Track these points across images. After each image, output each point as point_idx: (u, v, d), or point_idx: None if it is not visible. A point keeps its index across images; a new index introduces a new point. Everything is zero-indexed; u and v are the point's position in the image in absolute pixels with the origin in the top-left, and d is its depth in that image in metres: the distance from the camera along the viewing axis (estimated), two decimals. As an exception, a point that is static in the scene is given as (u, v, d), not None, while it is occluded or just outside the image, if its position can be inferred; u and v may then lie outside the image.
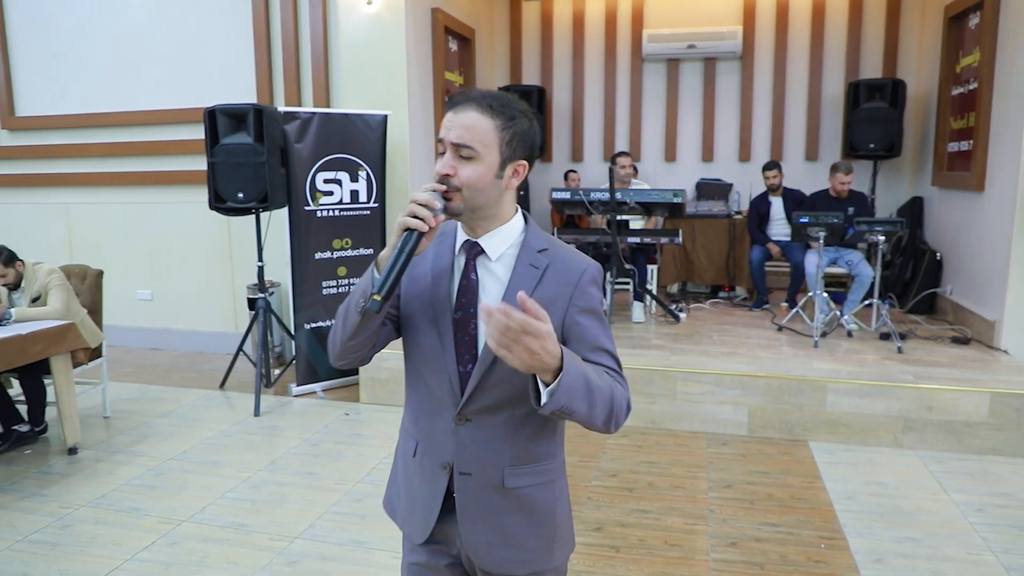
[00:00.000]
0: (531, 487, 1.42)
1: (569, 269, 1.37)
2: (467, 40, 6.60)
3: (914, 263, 6.06)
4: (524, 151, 1.36)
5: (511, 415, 1.38)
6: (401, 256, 1.25)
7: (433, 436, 1.43)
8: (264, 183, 4.61)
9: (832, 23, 6.67)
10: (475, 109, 1.31)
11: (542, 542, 1.45)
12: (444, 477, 1.41)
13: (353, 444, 4.20)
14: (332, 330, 1.42)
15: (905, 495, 3.50)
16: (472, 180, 1.30)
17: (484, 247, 1.38)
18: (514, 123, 1.33)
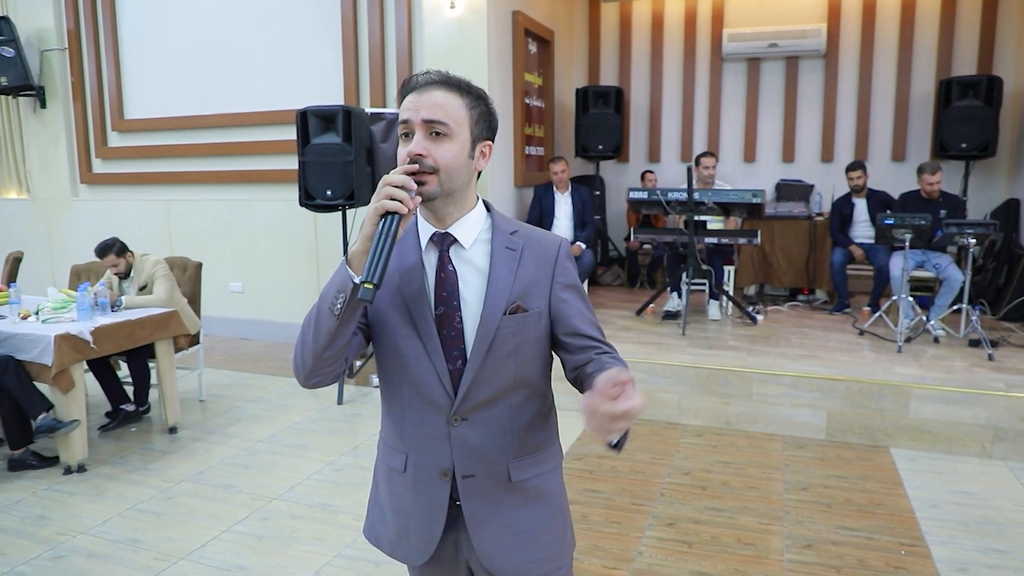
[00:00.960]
0: (537, 476, 1.38)
1: (544, 248, 1.35)
2: (546, 42, 6.69)
3: (1008, 268, 5.79)
4: (489, 131, 1.32)
5: (508, 405, 1.33)
6: (386, 240, 1.17)
7: (425, 444, 1.34)
8: (351, 181, 4.82)
9: (923, 19, 6.44)
10: (441, 88, 1.26)
11: (555, 536, 1.40)
12: (445, 485, 1.34)
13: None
14: (297, 348, 1.30)
15: (993, 506, 3.38)
16: (449, 160, 1.25)
17: (456, 236, 1.31)
18: (480, 102, 1.30)
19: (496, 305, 1.29)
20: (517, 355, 1.32)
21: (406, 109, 1.27)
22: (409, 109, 1.26)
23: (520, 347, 1.31)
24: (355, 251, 1.21)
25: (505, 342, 1.30)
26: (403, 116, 1.28)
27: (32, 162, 7.45)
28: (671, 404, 4.53)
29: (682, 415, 4.50)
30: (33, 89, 7.02)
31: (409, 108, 1.26)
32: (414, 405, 1.33)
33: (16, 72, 6.81)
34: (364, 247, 1.20)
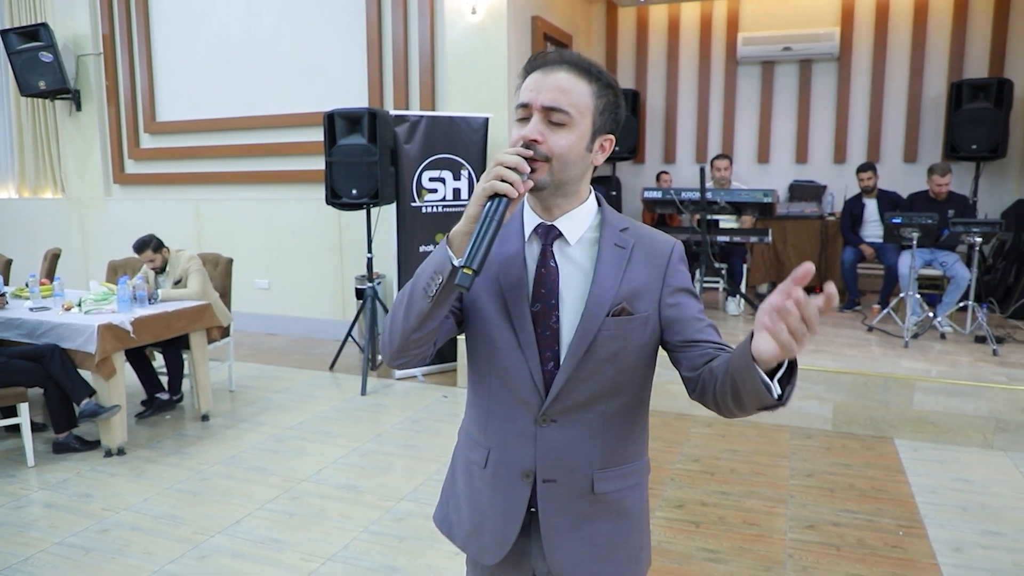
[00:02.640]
0: (621, 491, 1.30)
1: (657, 248, 1.26)
2: (565, 46, 6.86)
3: (1018, 267, 5.89)
4: (612, 125, 1.24)
5: (601, 412, 1.26)
6: (491, 224, 1.09)
7: (508, 442, 1.28)
8: (376, 181, 5.02)
9: (935, 22, 6.55)
10: (569, 71, 1.17)
11: (630, 552, 1.33)
12: (526, 487, 1.28)
13: (451, 423, 4.53)
14: (387, 327, 1.25)
15: (992, 492, 3.51)
16: (564, 150, 1.17)
17: (562, 230, 1.25)
18: (608, 91, 1.21)
19: (600, 305, 1.22)
20: (617, 360, 1.23)
21: (528, 90, 1.19)
22: (531, 90, 1.18)
23: (621, 352, 1.23)
24: (457, 230, 1.14)
25: (606, 345, 1.22)
26: (524, 98, 1.19)
27: (67, 163, 7.75)
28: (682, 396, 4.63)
29: (693, 406, 4.64)
30: (69, 93, 7.31)
31: (531, 89, 1.19)
32: (502, 399, 1.28)
33: (54, 76, 7.09)
34: (467, 228, 1.12)
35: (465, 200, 5.52)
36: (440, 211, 5.44)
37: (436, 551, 2.97)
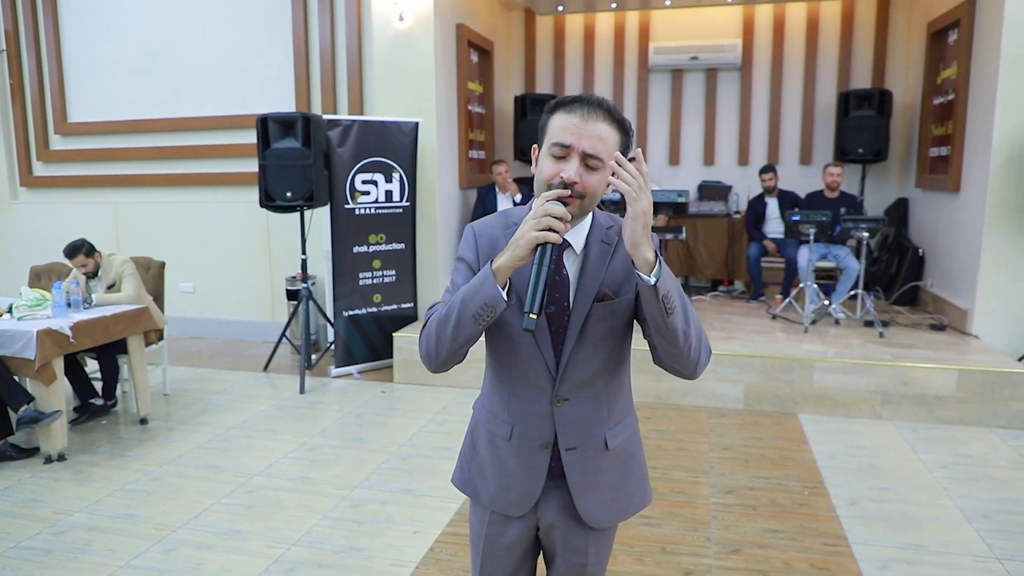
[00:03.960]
0: (625, 441, 1.56)
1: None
2: (487, 52, 7.13)
3: (899, 259, 6.58)
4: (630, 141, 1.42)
5: (603, 384, 1.48)
6: (543, 271, 1.26)
7: (529, 420, 1.50)
8: (310, 183, 5.13)
9: (825, 37, 7.20)
10: (605, 120, 1.33)
11: (638, 485, 1.60)
12: (545, 455, 1.51)
13: (393, 416, 4.72)
14: (429, 342, 1.41)
15: (880, 456, 4.02)
16: (597, 190, 1.35)
17: (571, 242, 1.43)
18: (626, 137, 1.37)
19: (587, 294, 1.42)
20: (608, 339, 1.45)
21: (568, 132, 1.33)
22: (572, 135, 1.32)
23: (610, 331, 1.45)
24: (501, 264, 1.29)
25: (596, 328, 1.43)
26: (565, 139, 1.33)
27: (-31, 165, 7.40)
28: (610, 383, 5.03)
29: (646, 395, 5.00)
30: (-29, 91, 6.99)
31: (572, 133, 1.32)
32: (521, 388, 1.49)
33: (-46, 74, 6.77)
34: (512, 264, 1.28)
35: (397, 201, 5.69)
36: (373, 212, 5.60)
37: (396, 531, 3.18)
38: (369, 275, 5.66)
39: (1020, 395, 4.41)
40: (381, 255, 5.69)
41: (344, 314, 5.57)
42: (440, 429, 4.46)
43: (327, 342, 6.17)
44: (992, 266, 5.06)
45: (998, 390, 4.43)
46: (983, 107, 5.13)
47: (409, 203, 5.76)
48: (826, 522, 3.27)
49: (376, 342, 5.72)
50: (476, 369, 5.18)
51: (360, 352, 5.68)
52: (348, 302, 5.58)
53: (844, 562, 2.94)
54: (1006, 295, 5.06)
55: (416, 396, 5.11)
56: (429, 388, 5.25)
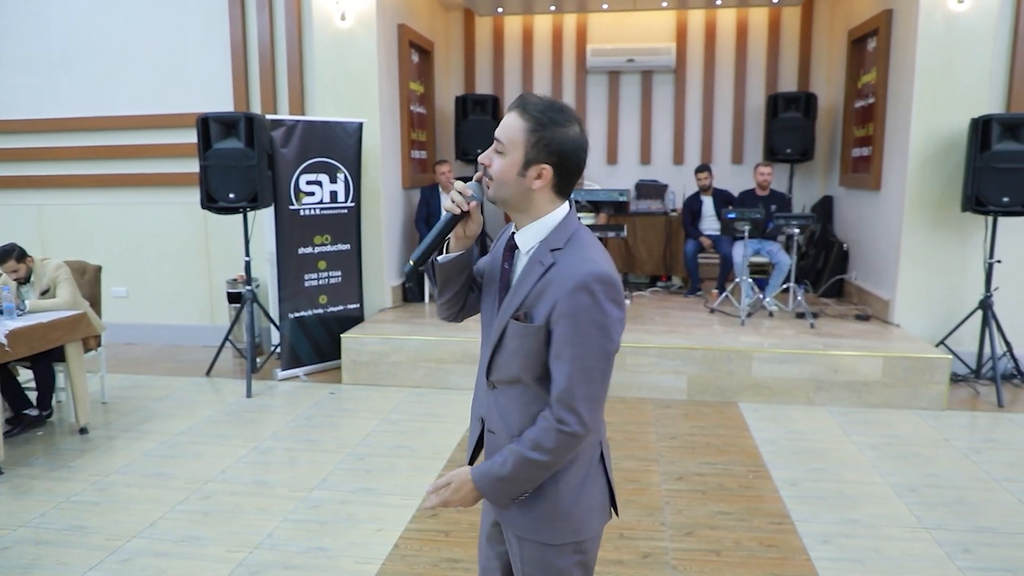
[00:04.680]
0: None
1: (566, 274, 1.38)
2: (427, 53, 7.15)
3: (825, 254, 6.93)
4: (549, 157, 1.40)
5: (522, 390, 1.49)
6: (436, 234, 1.48)
7: (478, 392, 1.63)
8: (254, 184, 5.06)
9: (754, 42, 7.52)
10: (516, 111, 1.43)
11: (544, 513, 1.50)
12: (478, 427, 1.63)
13: (345, 417, 4.71)
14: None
15: (816, 439, 4.26)
16: (497, 172, 1.43)
17: (517, 242, 1.49)
18: (544, 129, 1.39)
19: (508, 308, 1.47)
20: (518, 356, 1.46)
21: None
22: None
23: (520, 350, 1.45)
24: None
25: (510, 341, 1.47)
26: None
27: None
28: (558, 379, 5.14)
29: (568, 388, 5.13)
30: None
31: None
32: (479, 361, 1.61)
33: None
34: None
35: (342, 202, 5.67)
36: (318, 213, 5.56)
37: (359, 530, 3.20)
38: (315, 276, 5.61)
39: (939, 379, 4.74)
40: (326, 256, 5.65)
41: (290, 316, 5.51)
42: (394, 428, 4.48)
43: (271, 345, 6.08)
44: (911, 260, 5.41)
45: (919, 374, 4.75)
46: (901, 111, 5.47)
47: (354, 204, 5.74)
48: (770, 502, 3.46)
49: (323, 343, 5.68)
50: (425, 369, 5.24)
51: (306, 354, 5.63)
52: (293, 304, 5.52)
53: (789, 539, 3.13)
54: (924, 286, 5.42)
55: (366, 396, 5.10)
56: (379, 388, 5.25)
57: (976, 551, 3.04)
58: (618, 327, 1.39)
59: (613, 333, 1.38)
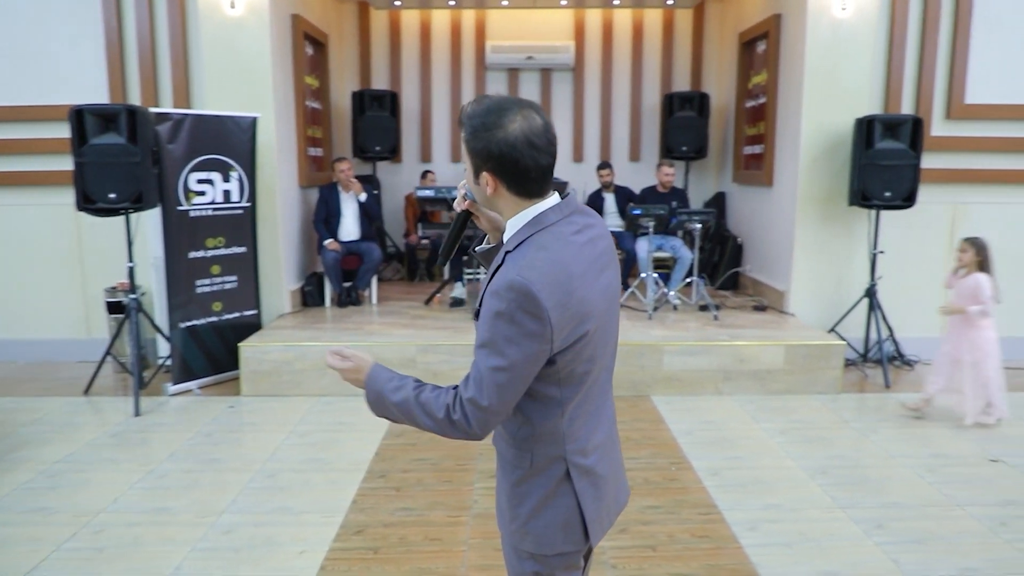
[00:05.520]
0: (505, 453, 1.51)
1: (496, 277, 1.38)
2: (322, 45, 6.85)
3: (720, 247, 7.20)
4: (486, 163, 1.39)
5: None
6: (451, 231, 1.60)
7: None
8: (138, 183, 4.64)
9: (649, 42, 7.70)
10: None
11: (511, 513, 1.51)
12: None
13: (249, 432, 4.41)
14: None
15: (729, 428, 4.38)
16: (469, 184, 1.50)
17: (504, 239, 1.47)
18: (474, 138, 1.38)
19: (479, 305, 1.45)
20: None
21: None
22: None
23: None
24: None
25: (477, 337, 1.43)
26: None
27: None
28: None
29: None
30: None
31: None
32: None
33: None
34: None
35: (236, 202, 5.32)
36: (210, 214, 5.18)
37: (280, 554, 2.97)
38: (208, 282, 5.23)
39: (835, 364, 5.01)
40: (220, 260, 5.28)
41: (180, 325, 5.10)
42: (304, 441, 4.23)
43: (159, 358, 5.62)
44: (803, 252, 5.69)
45: (816, 361, 5.00)
46: (791, 111, 5.75)
47: (249, 203, 5.40)
48: (696, 493, 3.51)
49: (218, 354, 5.31)
50: (332, 376, 4.99)
51: (200, 366, 5.24)
52: (185, 312, 5.12)
53: (718, 528, 3.18)
54: (815, 277, 5.72)
55: (269, 408, 4.80)
56: (283, 399, 4.96)
57: (888, 526, 3.20)
58: (529, 342, 1.31)
59: (517, 346, 1.31)
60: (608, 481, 1.53)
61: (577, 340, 1.37)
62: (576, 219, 1.44)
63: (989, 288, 4.27)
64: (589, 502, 1.48)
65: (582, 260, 1.39)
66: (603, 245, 1.48)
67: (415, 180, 7.76)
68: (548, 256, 1.35)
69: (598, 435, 1.52)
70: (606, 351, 1.50)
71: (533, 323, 1.30)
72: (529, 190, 1.40)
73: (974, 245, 4.33)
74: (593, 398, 1.50)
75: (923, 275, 5.74)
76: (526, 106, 1.40)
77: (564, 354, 1.37)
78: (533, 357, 1.32)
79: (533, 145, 1.37)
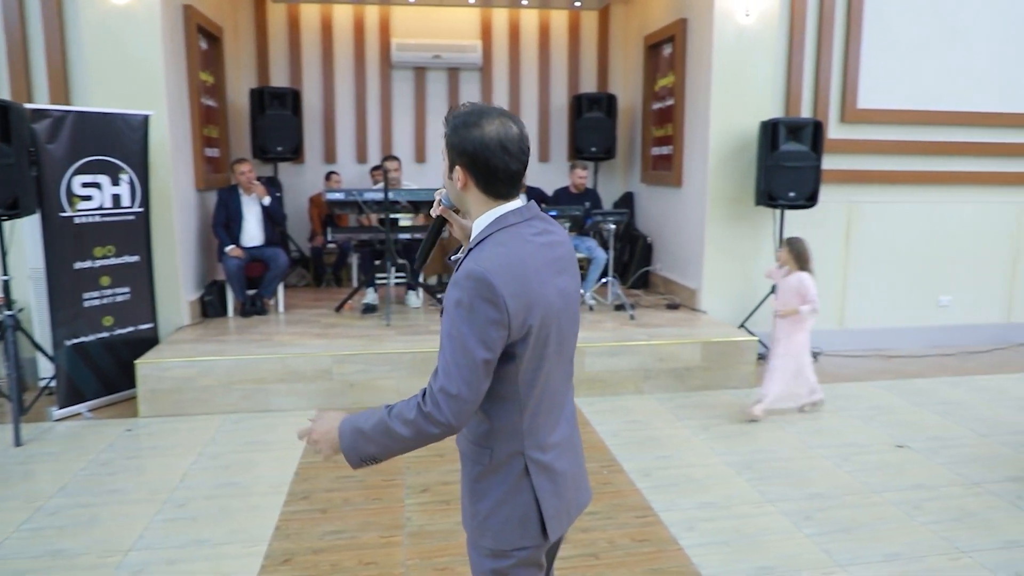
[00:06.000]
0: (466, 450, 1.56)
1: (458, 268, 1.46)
2: (216, 39, 6.44)
3: (631, 247, 7.32)
4: (460, 157, 1.47)
5: None
6: (426, 238, 1.70)
7: None
8: (12, 187, 4.17)
9: (556, 43, 7.72)
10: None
11: (471, 510, 1.56)
12: None
13: (152, 457, 4.06)
14: None
15: (654, 427, 4.42)
16: (444, 179, 1.56)
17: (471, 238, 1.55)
18: (454, 133, 1.46)
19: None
20: None
21: None
22: None
23: None
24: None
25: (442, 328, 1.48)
26: None
27: None
28: (390, 388, 4.88)
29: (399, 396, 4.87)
30: None
31: None
32: None
33: None
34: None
35: (127, 207, 4.91)
36: (98, 221, 4.75)
37: (200, 593, 2.72)
38: (97, 295, 4.79)
39: (748, 359, 5.17)
40: (111, 270, 4.85)
41: (66, 343, 4.65)
42: (216, 464, 3.94)
43: (40, 379, 5.11)
44: (714, 251, 5.85)
45: (731, 356, 5.14)
46: (699, 113, 5.89)
47: (142, 209, 4.99)
48: (630, 496, 3.51)
49: (110, 372, 4.87)
50: (240, 392, 4.69)
51: (90, 387, 4.79)
52: (71, 329, 4.67)
53: (657, 530, 3.18)
54: (725, 275, 5.89)
55: (172, 430, 4.45)
56: (187, 419, 4.61)
57: (815, 517, 3.30)
58: (489, 328, 1.37)
59: (479, 332, 1.37)
60: (567, 479, 1.57)
61: (531, 333, 1.43)
62: (536, 224, 1.52)
63: (813, 287, 4.40)
64: (547, 498, 1.52)
65: (539, 258, 1.46)
66: (562, 251, 1.55)
67: (319, 181, 7.46)
68: (506, 251, 1.43)
69: (556, 434, 1.56)
70: (562, 350, 1.55)
71: (491, 310, 1.36)
72: (496, 190, 1.48)
73: (788, 245, 4.49)
74: (551, 397, 1.54)
75: (822, 271, 6.00)
76: (507, 116, 1.48)
77: (521, 346, 1.43)
78: (493, 343, 1.38)
79: (505, 149, 1.45)
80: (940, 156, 6.05)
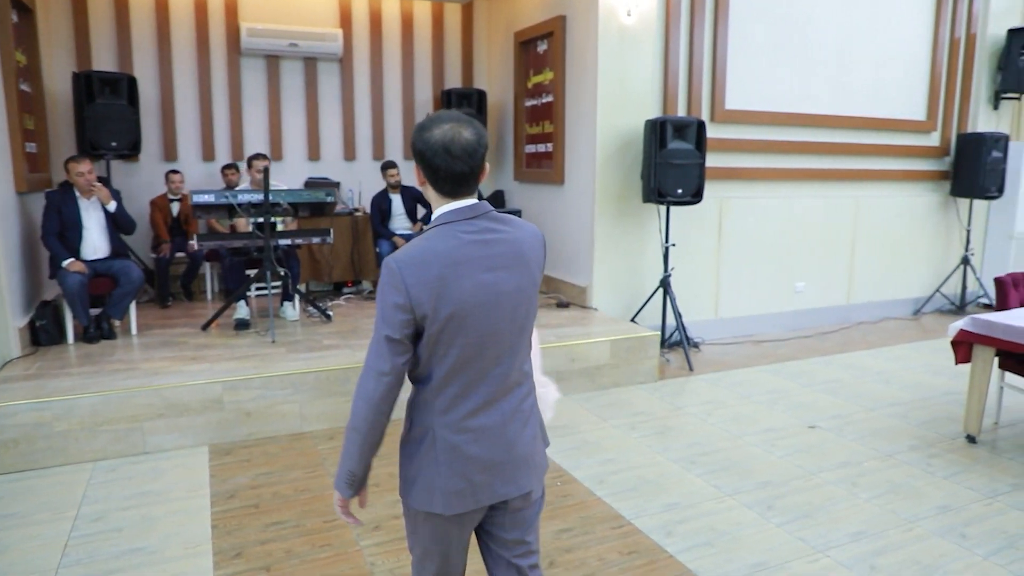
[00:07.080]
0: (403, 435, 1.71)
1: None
2: (28, 11, 5.41)
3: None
4: (415, 156, 1.63)
5: None
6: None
7: None
8: None
9: (420, 35, 7.41)
10: None
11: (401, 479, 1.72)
12: None
13: (11, 529, 3.26)
14: None
15: (585, 430, 4.35)
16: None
17: None
18: (415, 133, 1.61)
19: None
20: None
21: None
22: None
23: None
24: None
25: None
26: None
27: None
28: (293, 414, 4.38)
29: (305, 423, 4.40)
30: None
31: None
32: None
33: None
34: None
35: (-62, 217, 3.93)
36: (-99, 235, 3.76)
37: None
38: (-98, 328, 3.80)
39: (652, 354, 5.28)
40: (-80, 297, 3.87)
41: None
42: (103, 527, 3.25)
43: None
44: (603, 248, 5.91)
45: (637, 352, 5.22)
46: (583, 111, 5.91)
47: (-41, 218, 4.03)
48: (595, 507, 3.40)
49: (-75, 424, 3.89)
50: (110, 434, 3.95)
51: (-103, 444, 3.79)
52: None
53: (639, 539, 3.10)
54: (614, 271, 5.98)
55: (28, 490, 3.63)
56: (45, 475, 3.80)
57: (775, 506, 3.40)
58: (392, 312, 1.54)
59: (385, 315, 1.56)
60: (479, 463, 1.64)
61: (438, 319, 1.54)
62: (479, 223, 1.60)
63: None
64: (444, 473, 1.62)
65: (463, 253, 1.56)
66: (502, 249, 1.61)
67: (157, 183, 6.58)
68: (424, 244, 1.57)
69: (479, 420, 1.63)
70: (492, 343, 1.61)
71: (395, 294, 1.54)
72: (442, 189, 1.62)
73: None
74: (471, 383, 1.61)
75: (699, 264, 6.32)
76: (464, 123, 1.58)
77: (429, 329, 1.56)
78: (396, 323, 1.54)
79: (448, 151, 1.56)
80: (793, 155, 6.59)
